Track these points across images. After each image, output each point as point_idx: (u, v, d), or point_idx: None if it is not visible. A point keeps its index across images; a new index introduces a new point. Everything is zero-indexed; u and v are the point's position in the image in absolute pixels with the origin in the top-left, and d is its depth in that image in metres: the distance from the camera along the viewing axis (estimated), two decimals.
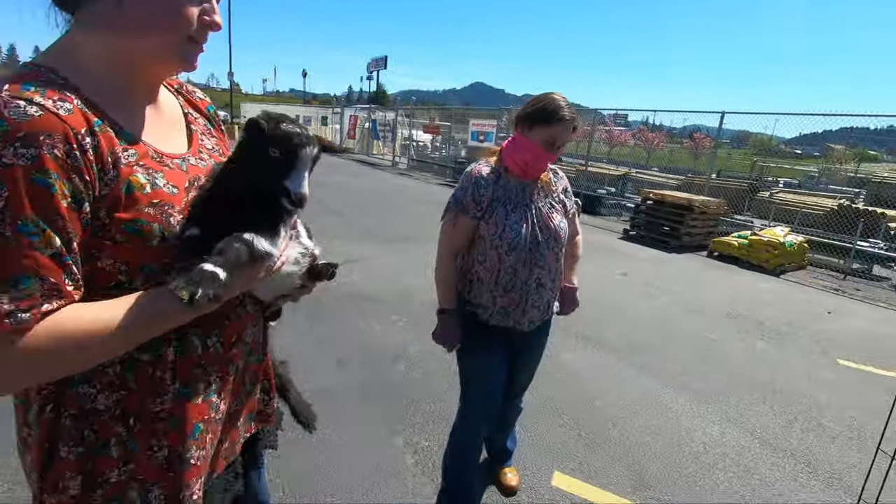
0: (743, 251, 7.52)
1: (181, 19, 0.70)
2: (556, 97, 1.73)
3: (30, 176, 0.58)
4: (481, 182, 1.76)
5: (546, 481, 2.34)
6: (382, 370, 3.24)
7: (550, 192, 1.86)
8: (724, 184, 12.47)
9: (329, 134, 25.57)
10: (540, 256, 1.76)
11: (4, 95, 0.60)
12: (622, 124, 35.57)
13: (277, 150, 0.73)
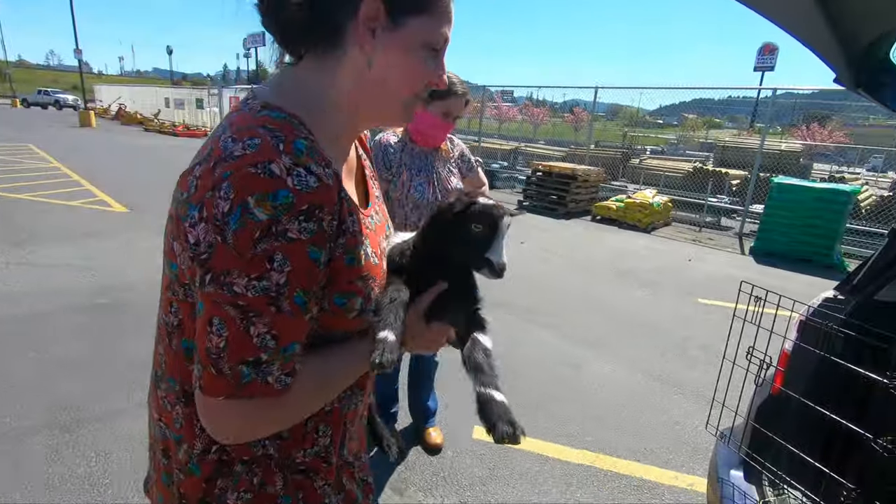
0: (620, 213, 8.41)
1: (422, 85, 0.69)
2: (449, 74, 1.95)
3: (307, 250, 0.58)
4: (390, 149, 2.01)
5: (467, 435, 2.54)
6: None
7: (448, 159, 2.14)
8: (602, 153, 13.68)
9: (208, 118, 23.50)
10: None
11: (287, 162, 0.57)
12: (509, 100, 37.04)
13: (480, 225, 0.75)
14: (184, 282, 0.64)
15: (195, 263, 0.58)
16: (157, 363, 0.74)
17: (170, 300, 0.68)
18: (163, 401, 0.73)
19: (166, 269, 0.67)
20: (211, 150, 0.60)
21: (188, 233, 0.58)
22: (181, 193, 0.61)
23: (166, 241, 0.66)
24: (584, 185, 9.28)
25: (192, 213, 0.58)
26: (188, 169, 0.62)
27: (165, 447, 0.74)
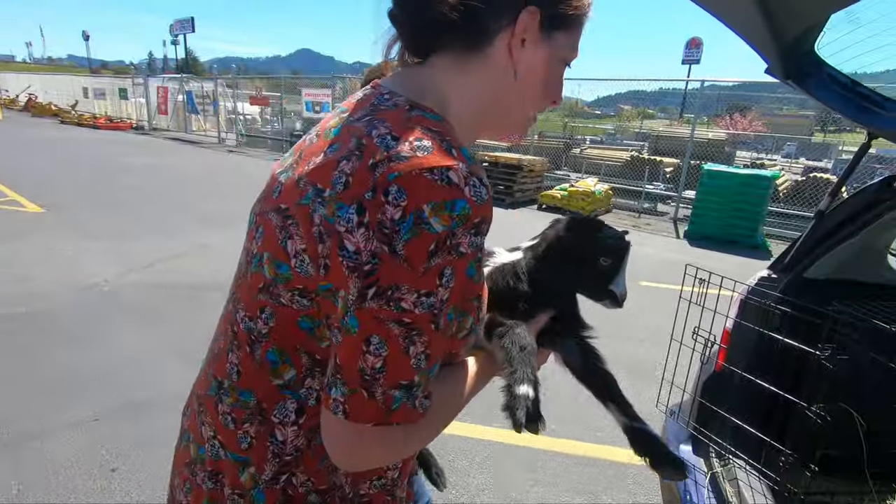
0: (564, 201, 8.65)
1: (551, 99, 0.68)
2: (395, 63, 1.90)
3: (468, 265, 0.54)
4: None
5: None
6: None
7: None
8: (545, 144, 13.99)
9: (134, 109, 21.91)
10: None
11: (464, 171, 0.52)
12: None
13: (609, 259, 0.73)
14: (295, 286, 0.57)
15: (353, 274, 0.51)
16: (222, 373, 0.66)
17: (261, 304, 0.61)
18: (224, 416, 0.65)
19: (263, 270, 0.60)
20: (360, 144, 0.54)
21: (345, 238, 0.51)
22: (312, 186, 0.55)
23: (269, 238, 0.59)
24: (530, 174, 9.46)
25: (346, 214, 0.51)
26: (324, 161, 0.56)
27: (215, 470, 0.66)
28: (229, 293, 0.70)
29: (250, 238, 0.65)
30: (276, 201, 0.60)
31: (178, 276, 4.43)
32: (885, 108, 1.36)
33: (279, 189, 0.61)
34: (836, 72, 1.40)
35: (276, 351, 0.61)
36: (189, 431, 0.72)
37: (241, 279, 0.66)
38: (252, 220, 0.65)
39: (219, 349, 0.68)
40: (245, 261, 0.65)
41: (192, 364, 3.05)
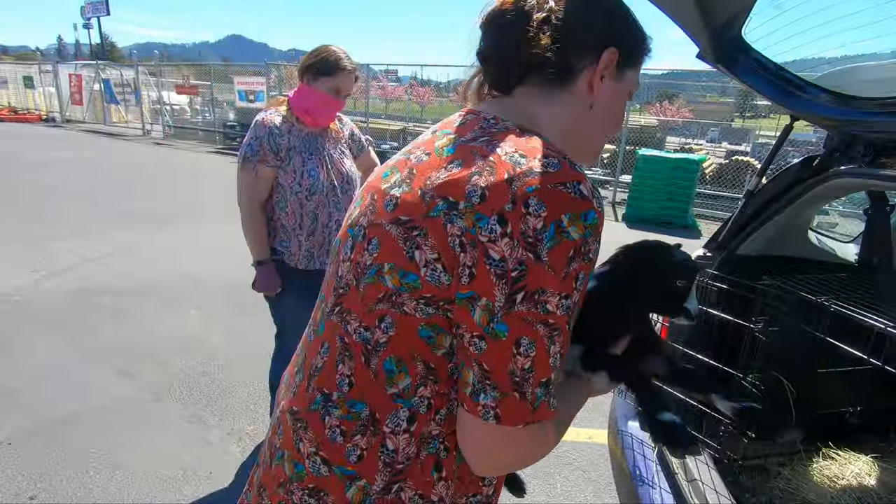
0: None
1: (618, 127, 0.78)
2: (335, 49, 1.85)
3: (590, 271, 0.59)
4: (275, 131, 1.81)
5: None
6: (181, 367, 2.88)
7: (339, 140, 2.00)
8: None
9: (42, 99, 19.95)
10: (337, 200, 1.92)
11: (588, 183, 0.57)
12: (394, 80, 36.60)
13: (685, 280, 0.76)
14: (423, 295, 0.60)
15: (500, 281, 0.55)
16: (330, 385, 0.67)
17: (381, 313, 0.62)
18: (332, 430, 0.65)
19: (384, 280, 0.62)
20: (489, 161, 0.59)
21: (489, 248, 0.55)
22: (442, 199, 0.59)
23: (390, 249, 0.62)
24: None
25: (487, 224, 0.55)
26: (452, 177, 0.60)
27: (317, 487, 0.66)
28: (325, 307, 0.71)
29: (359, 250, 0.66)
30: (393, 214, 0.63)
31: (99, 281, 4.08)
32: (807, 92, 1.43)
33: (394, 202, 0.63)
34: (762, 56, 1.46)
35: (394, 360, 0.63)
36: (283, 449, 0.70)
37: (344, 291, 0.67)
38: (359, 232, 0.67)
39: (322, 363, 0.68)
40: (351, 273, 0.66)
41: (122, 375, 2.81)
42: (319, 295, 0.75)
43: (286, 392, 0.75)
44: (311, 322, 0.76)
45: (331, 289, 0.70)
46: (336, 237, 0.74)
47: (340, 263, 0.69)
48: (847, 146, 1.41)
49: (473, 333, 0.57)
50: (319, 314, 0.72)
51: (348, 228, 0.70)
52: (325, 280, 0.75)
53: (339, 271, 0.69)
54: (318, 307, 0.74)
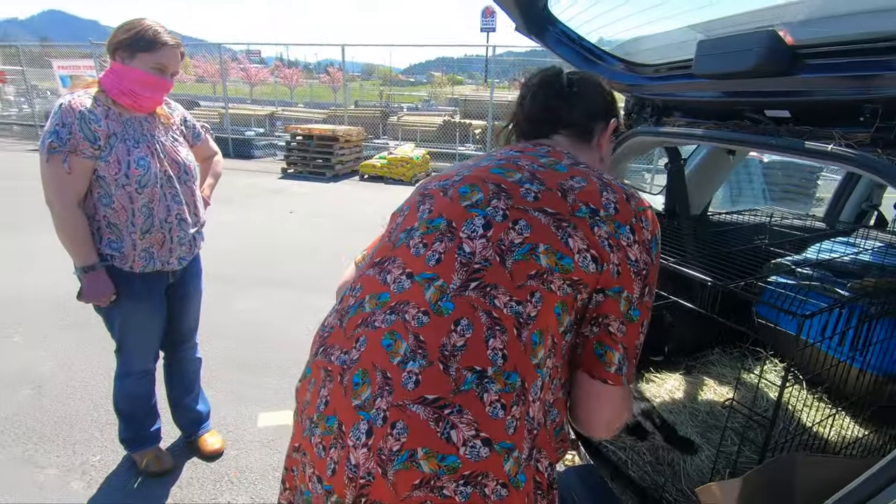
0: (385, 170, 8.70)
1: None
2: (150, 22, 1.66)
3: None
4: (88, 116, 1.57)
5: (252, 426, 2.35)
6: (5, 406, 2.45)
7: (170, 126, 1.81)
8: (362, 113, 13.80)
9: None
10: (175, 192, 1.74)
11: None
12: (258, 62, 34.02)
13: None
14: (572, 277, 0.72)
15: (637, 277, 0.75)
16: (482, 362, 0.68)
17: (531, 289, 0.71)
18: (493, 406, 0.67)
19: (538, 259, 0.72)
20: (605, 183, 0.79)
21: (628, 251, 0.74)
22: (584, 205, 0.76)
23: (542, 232, 0.73)
24: (347, 145, 9.25)
25: (624, 232, 0.75)
26: (585, 189, 0.78)
27: (475, 472, 0.65)
28: (442, 284, 0.73)
29: (501, 229, 0.75)
30: (536, 204, 0.76)
31: None
32: (605, 61, 1.58)
33: (534, 195, 0.77)
34: (566, 28, 1.58)
35: (538, 332, 0.71)
36: (410, 448, 0.65)
37: (482, 266, 0.73)
38: (494, 213, 0.77)
39: (464, 342, 0.69)
40: (491, 250, 0.73)
41: None
42: (399, 277, 0.77)
43: (380, 390, 0.68)
44: (397, 308, 0.74)
45: (451, 265, 0.74)
46: (430, 217, 0.81)
47: (465, 241, 0.75)
48: (640, 108, 1.60)
49: (621, 320, 0.74)
50: (432, 293, 0.73)
51: (470, 208, 0.78)
52: (410, 259, 0.78)
53: (466, 248, 0.75)
54: (419, 287, 0.74)
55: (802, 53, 0.98)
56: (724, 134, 1.21)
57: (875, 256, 1.73)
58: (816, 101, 0.99)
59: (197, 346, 2.12)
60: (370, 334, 0.74)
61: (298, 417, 0.80)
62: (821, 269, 1.75)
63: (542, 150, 0.89)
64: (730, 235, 1.78)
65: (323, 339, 0.81)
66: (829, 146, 0.90)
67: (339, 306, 0.83)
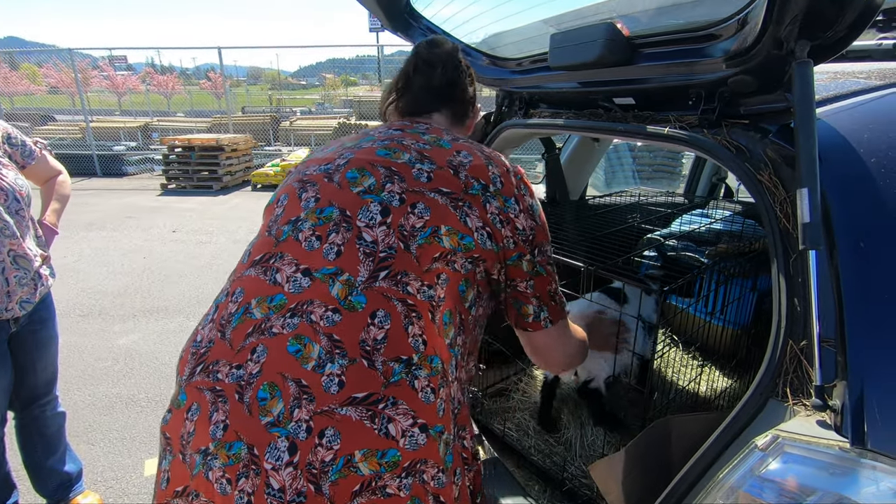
0: (279, 178, 8.27)
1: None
2: None
3: None
4: None
5: (137, 475, 2.09)
6: None
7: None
8: (250, 120, 13.01)
9: None
10: (4, 224, 1.49)
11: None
12: (124, 68, 30.77)
13: None
14: (473, 255, 0.75)
15: (525, 243, 0.81)
16: (405, 350, 0.66)
17: (438, 271, 0.72)
18: (424, 392, 0.66)
19: (441, 240, 0.73)
20: (488, 156, 0.83)
21: (516, 222, 0.79)
22: (476, 181, 0.78)
23: (442, 214, 0.74)
24: (235, 154, 8.66)
25: (511, 204, 0.80)
26: (473, 164, 0.80)
27: (414, 460, 0.63)
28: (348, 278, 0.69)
29: (400, 214, 0.73)
30: (431, 185, 0.76)
31: None
32: (471, 56, 1.59)
33: (427, 175, 0.77)
34: (431, 24, 1.57)
35: (448, 313, 0.72)
36: (346, 454, 0.61)
37: (388, 255, 0.70)
38: (391, 198, 0.74)
39: (384, 333, 0.66)
40: (394, 236, 0.71)
41: None
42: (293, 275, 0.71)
43: (296, 400, 0.63)
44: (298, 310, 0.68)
45: (353, 257, 0.70)
46: (318, 206, 0.76)
47: (364, 230, 0.72)
48: (510, 102, 1.63)
49: (527, 279, 0.82)
50: (339, 289, 0.68)
51: (364, 194, 0.75)
52: (303, 254, 0.72)
53: (367, 237, 0.71)
54: (322, 284, 0.69)
55: (638, 44, 1.05)
56: (583, 123, 1.27)
57: (725, 224, 1.94)
58: (654, 87, 1.07)
59: (57, 399, 1.83)
60: (269, 342, 0.66)
61: (176, 455, 0.67)
62: (684, 240, 1.93)
63: (422, 127, 0.88)
64: (607, 217, 1.89)
65: (200, 357, 0.70)
66: (666, 129, 0.97)
67: (216, 316, 0.73)
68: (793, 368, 0.71)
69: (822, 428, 0.65)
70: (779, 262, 0.75)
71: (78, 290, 4.02)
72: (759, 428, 0.73)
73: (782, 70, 0.78)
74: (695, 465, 0.77)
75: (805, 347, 0.70)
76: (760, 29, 0.71)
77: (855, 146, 0.79)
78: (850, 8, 0.64)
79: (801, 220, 0.67)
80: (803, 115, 0.70)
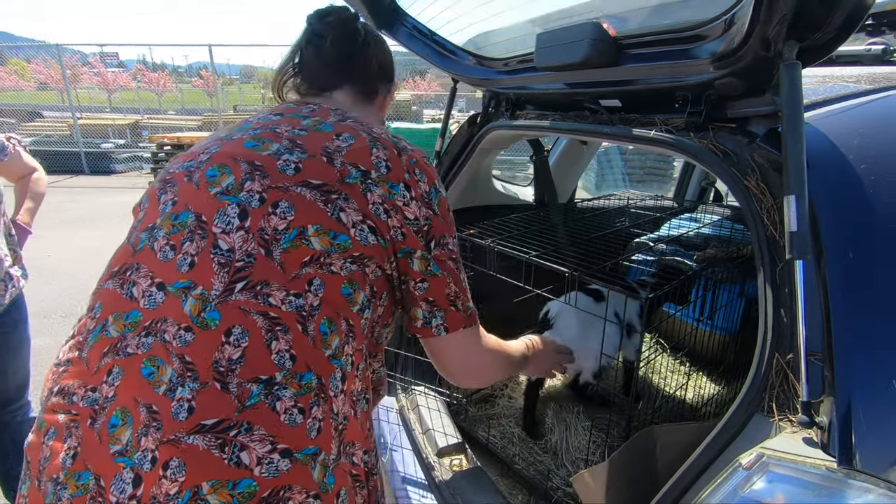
0: None
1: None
2: None
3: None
4: None
5: None
6: None
7: None
8: (242, 118, 12.92)
9: None
10: None
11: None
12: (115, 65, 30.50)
13: None
14: (352, 254, 0.67)
15: (418, 235, 0.72)
16: (266, 369, 0.61)
17: (309, 277, 0.65)
18: (289, 413, 0.60)
19: (310, 242, 0.65)
20: (374, 138, 0.74)
21: (405, 210, 0.71)
22: (354, 167, 0.69)
23: (310, 211, 0.66)
24: None
25: (398, 191, 0.71)
26: (353, 148, 0.71)
27: (276, 489, 0.58)
28: (202, 292, 0.63)
29: (259, 216, 0.65)
30: (298, 177, 0.67)
31: None
32: (458, 55, 1.56)
33: (294, 166, 0.68)
34: (417, 22, 1.53)
35: (327, 321, 0.65)
36: (193, 487, 0.56)
37: (246, 264, 0.63)
38: (249, 198, 0.66)
39: (241, 353, 0.61)
40: (254, 242, 0.64)
41: None
42: (149, 289, 0.64)
43: (145, 427, 0.58)
44: (153, 328, 0.62)
45: (207, 268, 0.63)
46: (174, 211, 0.68)
47: (220, 237, 0.64)
48: (497, 103, 1.60)
49: (420, 279, 0.73)
50: (192, 305, 0.62)
51: (221, 196, 0.67)
52: (158, 266, 0.65)
53: (223, 245, 0.64)
54: (175, 299, 0.63)
55: (624, 44, 1.02)
56: (568, 125, 1.24)
57: (714, 229, 1.92)
58: (640, 89, 1.04)
59: (29, 404, 1.78)
60: (124, 363, 0.61)
61: (34, 481, 0.62)
62: (672, 244, 1.91)
63: (306, 109, 0.79)
64: (594, 220, 1.87)
65: (58, 377, 0.64)
66: (652, 132, 0.95)
67: (76, 332, 0.67)
68: (779, 382, 0.68)
69: (808, 446, 0.62)
70: (765, 272, 0.73)
71: (60, 291, 3.94)
72: (743, 444, 0.70)
73: (770, 72, 0.76)
74: (678, 481, 0.74)
75: (792, 361, 0.68)
76: (748, 29, 0.68)
77: (844, 152, 0.76)
78: (839, 8, 0.62)
79: (788, 229, 0.65)
80: (791, 119, 0.68)
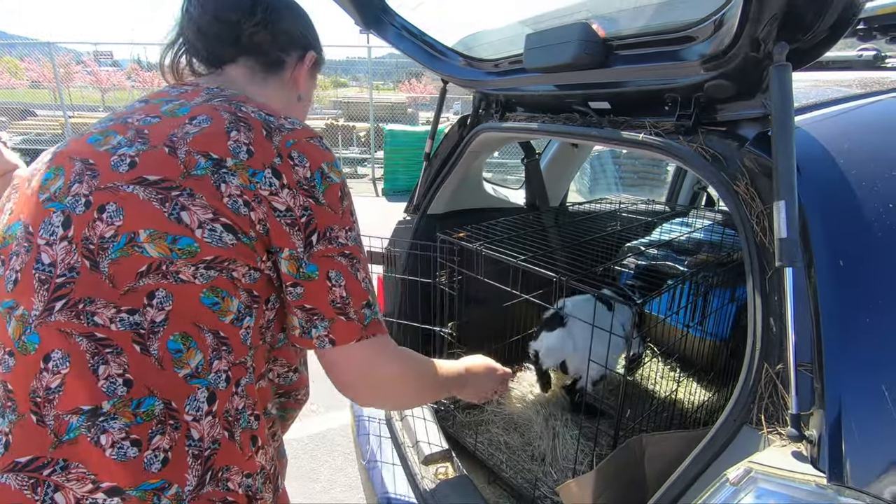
0: None
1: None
2: None
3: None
4: None
5: None
6: None
7: None
8: None
9: None
10: None
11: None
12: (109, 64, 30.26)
13: None
14: (203, 258, 0.58)
15: (293, 229, 0.61)
16: (88, 397, 0.54)
17: (150, 288, 0.56)
18: (119, 446, 0.54)
19: (143, 250, 0.56)
20: (238, 118, 0.63)
21: (273, 201, 0.61)
22: (204, 156, 0.60)
23: (142, 214, 0.57)
24: None
25: (262, 179, 0.60)
26: (205, 133, 0.61)
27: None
28: (21, 313, 0.56)
29: (83, 223, 0.57)
30: (131, 174, 0.58)
31: None
32: (447, 56, 1.54)
33: (130, 161, 0.59)
34: (406, 22, 1.51)
35: (181, 337, 0.58)
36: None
37: (68, 279, 0.56)
38: (74, 203, 0.58)
39: (60, 381, 0.54)
40: (78, 254, 0.56)
41: None
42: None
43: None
44: None
45: (29, 286, 0.56)
46: (8, 222, 0.61)
47: (43, 249, 0.57)
48: (487, 105, 1.58)
49: (292, 282, 0.63)
50: (14, 326, 0.56)
51: (48, 202, 0.59)
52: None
53: (45, 258, 0.57)
54: (2, 321, 0.57)
55: (613, 45, 1.00)
56: (558, 127, 1.22)
57: (706, 234, 1.91)
58: (630, 91, 1.02)
59: None
60: None
61: None
62: (664, 248, 1.89)
63: (176, 91, 0.70)
64: (586, 224, 1.85)
65: None
66: (641, 135, 0.93)
67: None
68: (768, 394, 0.66)
69: (797, 460, 0.60)
70: (755, 279, 0.71)
71: None
72: (732, 456, 0.68)
73: (760, 75, 0.74)
74: (664, 495, 0.72)
75: (781, 371, 0.65)
76: (737, 29, 0.66)
77: (835, 157, 0.74)
78: (830, 7, 0.60)
79: (777, 235, 0.63)
80: (781, 122, 0.66)
